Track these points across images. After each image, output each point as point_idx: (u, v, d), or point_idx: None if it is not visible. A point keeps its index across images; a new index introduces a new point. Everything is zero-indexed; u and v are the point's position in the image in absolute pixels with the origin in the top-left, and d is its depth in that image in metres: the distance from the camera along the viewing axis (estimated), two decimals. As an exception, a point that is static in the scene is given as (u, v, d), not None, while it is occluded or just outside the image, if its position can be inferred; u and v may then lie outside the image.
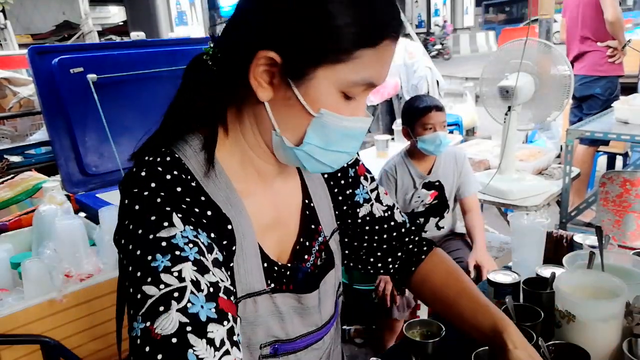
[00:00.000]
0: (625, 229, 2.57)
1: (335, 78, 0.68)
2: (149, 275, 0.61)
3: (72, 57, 2.23)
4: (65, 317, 1.63)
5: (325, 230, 0.90)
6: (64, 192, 2.22)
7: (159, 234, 0.63)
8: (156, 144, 0.77)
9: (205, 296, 0.61)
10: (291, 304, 0.83)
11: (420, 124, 2.17)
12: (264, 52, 0.68)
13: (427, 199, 2.29)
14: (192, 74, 0.78)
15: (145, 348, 0.57)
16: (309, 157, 0.74)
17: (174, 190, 0.69)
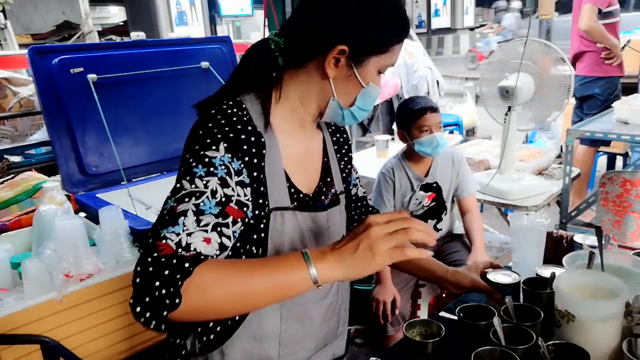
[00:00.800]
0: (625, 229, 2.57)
1: (379, 63, 1.02)
2: (189, 175, 0.91)
3: (72, 57, 2.23)
4: (65, 317, 1.63)
5: (336, 186, 1.18)
6: (64, 192, 2.22)
7: (206, 152, 0.92)
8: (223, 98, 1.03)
9: (216, 202, 0.90)
10: (309, 223, 1.08)
11: (416, 127, 2.15)
12: (341, 46, 0.98)
13: (424, 200, 2.28)
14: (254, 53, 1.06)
15: (164, 211, 0.90)
16: (351, 114, 1.07)
17: (232, 122, 0.97)
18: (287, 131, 1.06)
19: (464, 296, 1.51)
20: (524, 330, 1.06)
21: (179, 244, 0.84)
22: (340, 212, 1.18)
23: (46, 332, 1.59)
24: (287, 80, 1.06)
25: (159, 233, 0.85)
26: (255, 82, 1.05)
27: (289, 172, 1.05)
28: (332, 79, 1.01)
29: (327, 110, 1.06)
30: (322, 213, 1.11)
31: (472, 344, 1.04)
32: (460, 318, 1.15)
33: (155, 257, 0.81)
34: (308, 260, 0.85)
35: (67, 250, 1.69)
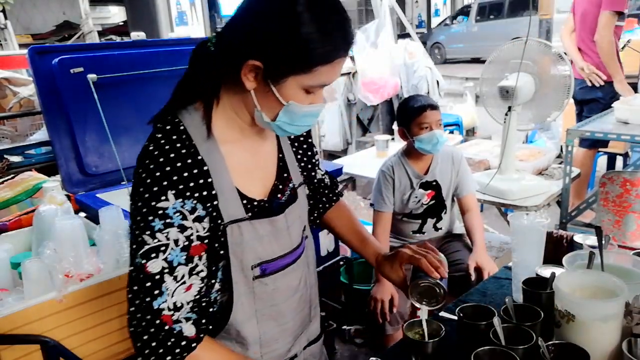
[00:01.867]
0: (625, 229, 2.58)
1: (300, 83, 0.98)
2: (149, 229, 0.94)
3: (72, 57, 2.23)
4: (65, 317, 1.63)
5: (294, 180, 1.18)
6: (64, 192, 2.22)
7: (158, 204, 0.94)
8: (166, 112, 1.03)
9: (181, 249, 0.96)
10: (267, 229, 1.09)
11: (416, 124, 2.16)
12: (252, 61, 0.95)
13: (424, 198, 2.28)
14: (196, 57, 1.04)
15: (140, 275, 0.94)
16: (279, 128, 1.04)
17: (172, 161, 0.96)
18: (230, 140, 1.06)
19: (464, 296, 1.52)
20: (524, 330, 1.06)
21: (170, 308, 0.96)
22: (299, 206, 1.19)
23: (46, 332, 1.58)
24: (223, 88, 1.05)
25: (152, 307, 0.94)
26: (198, 89, 1.04)
27: (238, 184, 1.05)
28: (252, 90, 1.00)
29: (256, 119, 1.05)
30: (280, 217, 1.11)
31: (472, 344, 1.04)
32: (460, 318, 1.15)
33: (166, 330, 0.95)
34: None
35: (67, 250, 1.68)
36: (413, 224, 2.33)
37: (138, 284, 0.95)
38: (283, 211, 1.13)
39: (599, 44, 3.51)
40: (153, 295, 0.94)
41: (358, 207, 4.76)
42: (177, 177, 0.96)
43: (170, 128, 1.00)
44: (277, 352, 1.16)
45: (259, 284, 1.09)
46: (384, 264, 1.27)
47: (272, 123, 1.03)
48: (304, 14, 0.93)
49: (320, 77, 0.98)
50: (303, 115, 1.02)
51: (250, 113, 1.05)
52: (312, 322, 1.28)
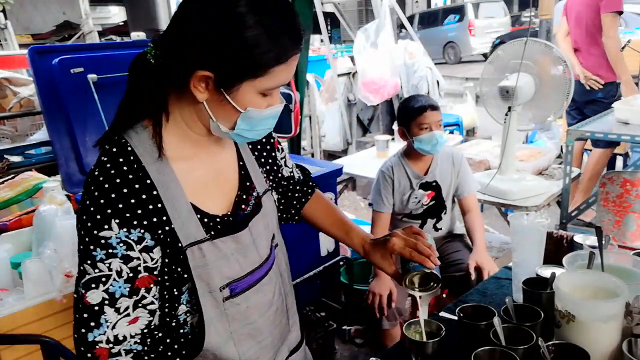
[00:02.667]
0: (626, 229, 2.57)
1: (256, 87, 0.92)
2: (90, 259, 0.90)
3: (72, 57, 2.23)
4: (65, 317, 1.63)
5: (258, 188, 1.12)
6: (64, 192, 2.22)
7: (101, 233, 0.90)
8: (112, 133, 0.96)
9: (124, 280, 0.91)
10: (232, 247, 1.02)
11: (416, 124, 2.16)
12: (201, 72, 0.89)
13: (424, 199, 2.28)
14: (136, 72, 0.96)
15: (79, 305, 0.91)
16: (239, 135, 0.99)
17: (117, 187, 0.90)
18: (184, 157, 0.99)
19: (464, 296, 1.52)
20: (524, 330, 1.06)
21: (109, 341, 0.91)
22: (263, 216, 1.11)
23: (46, 332, 1.58)
24: (172, 101, 0.97)
25: (86, 339, 0.90)
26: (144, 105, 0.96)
27: (196, 202, 0.98)
28: (205, 101, 0.93)
29: (211, 130, 0.99)
30: (244, 232, 1.05)
31: (472, 344, 1.04)
32: (460, 318, 1.15)
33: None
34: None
35: (67, 250, 1.68)
36: (413, 224, 2.33)
37: (77, 315, 0.91)
38: (247, 225, 1.06)
39: (606, 45, 3.54)
40: (89, 327, 0.90)
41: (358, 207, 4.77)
42: (122, 205, 0.90)
43: (117, 150, 0.93)
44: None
45: (230, 304, 1.02)
46: (373, 252, 1.23)
47: (231, 132, 0.97)
48: (247, 15, 0.87)
49: (277, 78, 0.93)
50: (262, 119, 0.97)
51: (205, 125, 0.98)
52: (291, 331, 1.23)
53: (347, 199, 4.91)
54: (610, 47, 3.53)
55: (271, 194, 1.18)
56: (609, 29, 3.50)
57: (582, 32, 3.72)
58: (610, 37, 3.51)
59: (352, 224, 1.33)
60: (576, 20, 3.73)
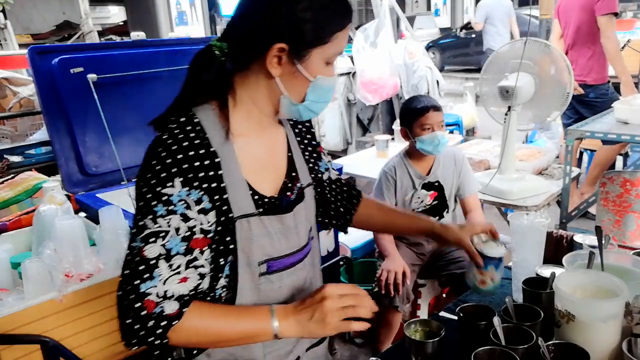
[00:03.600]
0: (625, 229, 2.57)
1: (323, 54, 1.02)
2: (151, 214, 0.94)
3: (72, 57, 2.23)
4: (65, 317, 1.63)
5: (302, 180, 1.18)
6: (64, 192, 2.22)
7: (164, 190, 0.94)
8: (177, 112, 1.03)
9: (181, 238, 0.95)
10: (276, 226, 1.08)
11: (419, 125, 2.17)
12: (278, 44, 0.98)
13: (426, 199, 2.29)
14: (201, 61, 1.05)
15: (136, 258, 0.93)
16: (306, 109, 1.07)
17: (184, 149, 0.96)
18: (246, 134, 1.07)
19: (464, 296, 1.52)
20: (524, 330, 1.06)
21: (159, 295, 0.94)
22: (306, 206, 1.18)
23: (46, 332, 1.59)
24: (238, 84, 1.06)
25: (138, 289, 0.93)
26: (207, 91, 1.05)
27: (250, 179, 1.05)
28: (278, 77, 1.02)
29: (280, 108, 1.07)
30: (289, 215, 1.11)
31: (472, 344, 1.04)
32: (460, 318, 1.15)
33: (142, 315, 0.92)
34: (273, 317, 0.99)
35: (67, 250, 1.68)
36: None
37: (131, 268, 0.94)
38: (292, 210, 1.12)
39: (606, 46, 3.55)
40: (142, 279, 0.93)
41: (358, 207, 4.76)
42: (187, 166, 0.96)
43: (185, 120, 1.01)
44: (279, 352, 1.14)
45: (265, 280, 1.08)
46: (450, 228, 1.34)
47: (300, 105, 1.05)
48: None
49: (338, 45, 1.03)
50: (326, 90, 1.06)
51: (274, 104, 1.07)
52: None
53: (347, 198, 4.90)
54: (609, 48, 3.54)
55: (312, 189, 1.24)
56: (606, 29, 3.51)
57: (574, 34, 3.74)
58: (608, 38, 3.52)
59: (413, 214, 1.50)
60: (568, 22, 3.75)
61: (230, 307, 1.05)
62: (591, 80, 3.71)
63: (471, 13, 18.13)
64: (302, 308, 1.00)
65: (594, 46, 3.65)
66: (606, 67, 3.75)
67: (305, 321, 0.99)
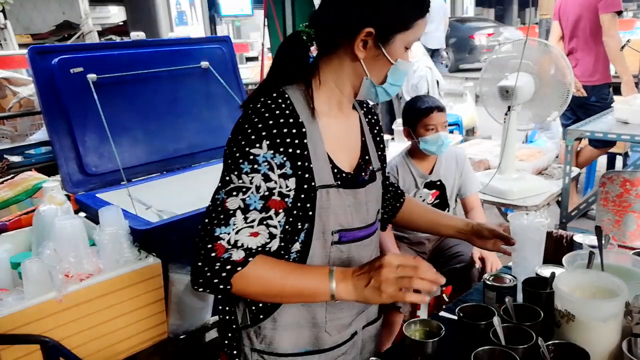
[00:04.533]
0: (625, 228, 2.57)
1: (405, 39, 1.09)
2: (237, 170, 1.03)
3: (72, 57, 2.23)
4: (65, 317, 1.63)
5: (373, 163, 1.25)
6: (64, 192, 2.22)
7: (251, 150, 1.03)
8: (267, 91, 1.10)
9: (260, 196, 1.03)
10: (351, 200, 1.15)
11: (422, 125, 2.18)
12: (367, 28, 1.05)
13: (428, 198, 2.30)
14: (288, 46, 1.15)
15: (218, 208, 1.03)
16: (383, 91, 1.14)
17: (275, 116, 1.05)
18: (327, 114, 1.14)
19: (464, 296, 1.52)
20: (524, 330, 1.06)
21: (229, 242, 1.01)
22: (376, 187, 1.26)
23: (46, 332, 1.59)
24: (323, 67, 1.14)
25: (213, 232, 1.01)
26: (294, 73, 1.13)
27: (331, 153, 1.13)
28: (362, 59, 1.09)
29: (361, 89, 1.14)
30: (362, 189, 1.18)
31: (472, 344, 1.04)
32: (460, 318, 1.15)
33: (211, 257, 1.00)
34: (332, 278, 1.04)
35: (67, 250, 1.68)
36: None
37: (211, 215, 1.02)
38: (364, 186, 1.19)
39: (608, 44, 3.54)
40: (219, 224, 1.01)
41: (358, 207, 4.76)
42: (275, 131, 1.03)
43: (277, 95, 1.09)
44: (340, 322, 1.20)
45: (335, 249, 1.14)
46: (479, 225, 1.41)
47: (379, 87, 1.13)
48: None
49: (418, 31, 1.10)
50: (403, 73, 1.13)
51: (355, 86, 1.14)
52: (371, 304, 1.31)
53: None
54: (611, 46, 3.54)
55: (381, 174, 1.31)
56: (609, 28, 3.51)
57: (577, 34, 3.72)
58: (611, 36, 3.52)
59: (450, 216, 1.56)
60: (572, 22, 3.73)
61: (293, 264, 1.12)
62: (595, 81, 3.70)
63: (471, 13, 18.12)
64: (360, 273, 1.04)
65: (596, 47, 3.64)
66: (609, 67, 3.74)
67: (362, 287, 1.02)
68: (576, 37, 3.73)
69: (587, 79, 3.71)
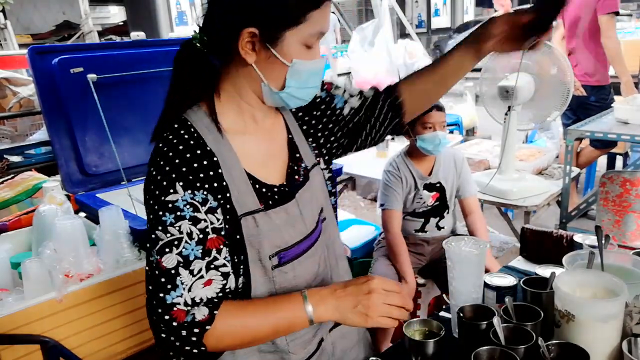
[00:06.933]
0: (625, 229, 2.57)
1: (298, 36, 0.96)
2: (160, 225, 0.93)
3: (72, 57, 2.23)
4: (65, 317, 1.63)
5: (306, 161, 1.15)
6: (64, 192, 2.22)
7: (167, 198, 0.93)
8: (169, 120, 1.02)
9: (195, 242, 0.94)
10: (283, 217, 1.06)
11: (421, 123, 2.18)
12: (248, 29, 0.94)
13: (429, 200, 2.29)
14: (184, 58, 1.04)
15: (156, 272, 0.93)
16: (290, 96, 1.02)
17: (181, 153, 0.95)
18: (240, 131, 1.05)
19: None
20: (524, 330, 1.06)
21: (187, 304, 0.93)
22: (311, 188, 1.14)
23: (46, 332, 1.59)
24: (223, 78, 1.04)
25: (165, 301, 0.93)
26: (195, 89, 1.03)
27: (252, 172, 1.04)
28: (254, 64, 0.98)
29: (264, 97, 1.03)
30: (291, 202, 1.08)
31: (472, 344, 1.04)
32: (460, 318, 1.15)
33: (174, 326, 0.93)
34: (306, 302, 0.98)
35: (67, 250, 1.69)
36: (415, 223, 2.34)
37: (153, 281, 0.94)
38: (293, 196, 1.09)
39: (606, 46, 3.55)
40: (166, 290, 0.93)
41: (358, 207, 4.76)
42: (185, 169, 0.95)
43: (178, 126, 1.00)
44: (302, 339, 1.12)
45: (278, 272, 1.06)
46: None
47: (281, 93, 1.01)
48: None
49: (315, 25, 0.97)
50: (309, 74, 1.01)
51: (257, 92, 1.03)
52: None
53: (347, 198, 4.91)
54: (610, 47, 3.54)
55: (320, 168, 1.19)
56: (607, 29, 3.51)
57: (577, 35, 3.73)
58: (609, 37, 3.52)
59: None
60: (572, 22, 3.74)
61: (259, 301, 1.03)
62: (594, 82, 3.70)
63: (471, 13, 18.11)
64: (344, 295, 0.99)
65: (596, 47, 3.64)
66: (609, 68, 3.74)
67: (347, 309, 0.98)
68: (576, 37, 3.74)
69: (587, 79, 3.71)
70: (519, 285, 1.27)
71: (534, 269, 1.38)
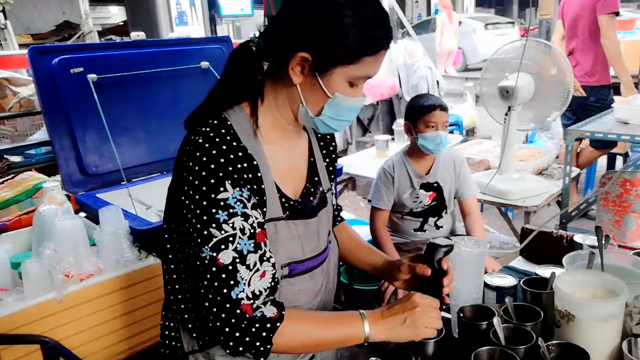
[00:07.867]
0: (625, 229, 2.57)
1: (347, 74, 1.00)
2: (214, 222, 0.95)
3: (72, 57, 2.23)
4: (65, 317, 1.63)
5: (323, 185, 1.20)
6: (64, 192, 2.22)
7: (219, 196, 0.95)
8: (209, 113, 1.04)
9: (248, 237, 0.97)
10: (301, 230, 1.11)
11: (423, 121, 2.18)
12: (301, 53, 0.97)
13: (425, 199, 2.29)
14: (236, 59, 1.07)
15: (212, 268, 0.95)
16: (323, 123, 1.06)
17: (224, 153, 0.97)
18: (272, 140, 1.08)
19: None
20: (524, 331, 1.06)
21: (249, 297, 0.96)
22: (327, 212, 1.21)
23: (46, 332, 1.59)
24: (267, 87, 1.07)
25: (230, 297, 0.95)
26: (242, 89, 1.06)
27: (278, 181, 1.07)
28: (298, 85, 1.01)
29: (299, 116, 1.07)
30: (313, 220, 1.14)
31: (472, 344, 1.04)
32: (460, 318, 1.15)
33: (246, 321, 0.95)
34: (365, 321, 1.04)
35: (67, 250, 1.69)
36: (414, 222, 2.34)
37: (211, 277, 0.95)
38: (316, 214, 1.15)
39: (606, 46, 3.54)
40: (230, 286, 0.95)
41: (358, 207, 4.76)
42: (231, 168, 0.97)
43: (218, 123, 1.01)
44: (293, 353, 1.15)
45: (286, 283, 1.09)
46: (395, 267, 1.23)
47: (316, 118, 1.04)
48: (346, 5, 0.96)
49: (366, 69, 1.01)
50: (347, 109, 1.05)
51: (294, 110, 1.06)
52: None
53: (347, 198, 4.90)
54: (609, 48, 3.54)
55: (331, 194, 1.25)
56: (606, 29, 3.51)
57: (577, 35, 3.73)
58: (608, 38, 3.52)
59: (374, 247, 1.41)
60: (572, 23, 3.74)
61: (315, 313, 1.11)
62: (594, 82, 3.70)
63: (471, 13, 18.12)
64: (391, 314, 1.05)
65: (596, 47, 3.64)
66: (609, 68, 3.74)
67: (397, 326, 1.04)
68: (576, 37, 3.74)
69: (586, 79, 3.71)
70: (519, 286, 1.27)
71: (534, 269, 1.38)
